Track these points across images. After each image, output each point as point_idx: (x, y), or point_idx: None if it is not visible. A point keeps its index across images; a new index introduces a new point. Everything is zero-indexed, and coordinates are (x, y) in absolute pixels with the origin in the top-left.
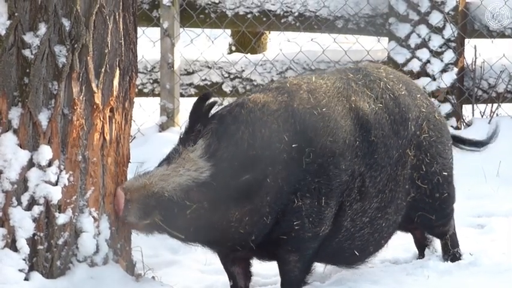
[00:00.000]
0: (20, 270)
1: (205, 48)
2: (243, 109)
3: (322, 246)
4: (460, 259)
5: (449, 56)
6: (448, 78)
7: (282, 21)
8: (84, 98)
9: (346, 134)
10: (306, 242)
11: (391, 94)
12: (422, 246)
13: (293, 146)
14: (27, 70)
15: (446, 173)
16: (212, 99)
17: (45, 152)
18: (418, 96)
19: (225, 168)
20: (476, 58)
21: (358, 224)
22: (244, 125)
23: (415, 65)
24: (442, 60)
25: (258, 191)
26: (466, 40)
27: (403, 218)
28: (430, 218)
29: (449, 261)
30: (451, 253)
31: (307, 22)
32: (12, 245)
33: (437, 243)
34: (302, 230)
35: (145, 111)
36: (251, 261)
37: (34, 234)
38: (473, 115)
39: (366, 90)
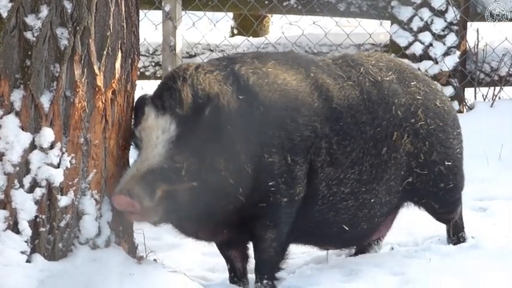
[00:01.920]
0: (22, 253)
1: (207, 31)
2: (186, 70)
3: (304, 216)
4: (464, 242)
5: (451, 39)
6: (451, 62)
7: (284, 4)
8: (86, 81)
9: (298, 93)
10: (283, 210)
11: (371, 78)
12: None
13: (240, 97)
14: (29, 52)
15: (450, 163)
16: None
17: (47, 135)
18: (413, 83)
19: (186, 118)
20: (478, 41)
21: (337, 194)
22: (189, 82)
23: (417, 48)
24: (444, 44)
25: (225, 138)
26: (469, 23)
27: (407, 201)
28: (434, 206)
29: (451, 245)
30: (456, 237)
31: (309, 5)
32: (14, 227)
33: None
34: (278, 192)
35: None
36: (247, 245)
37: (36, 217)
38: (475, 98)
39: (337, 70)
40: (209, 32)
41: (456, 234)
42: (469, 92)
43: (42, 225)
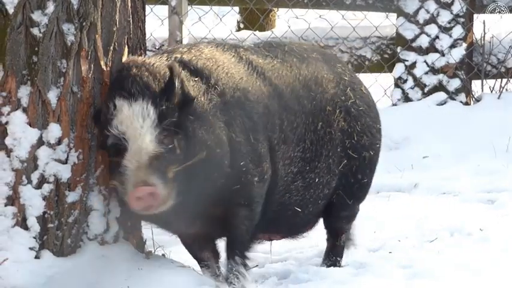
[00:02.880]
0: (31, 249)
1: (213, 25)
2: (135, 61)
3: (269, 198)
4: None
5: (458, 31)
6: (457, 54)
7: None
8: (93, 76)
9: (241, 73)
10: (255, 189)
11: (297, 55)
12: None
13: (195, 79)
14: (36, 49)
15: (372, 153)
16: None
17: (55, 130)
18: (339, 65)
19: (159, 98)
20: (485, 33)
21: (290, 174)
22: (144, 68)
23: (423, 41)
24: (450, 36)
25: (199, 113)
26: (475, 15)
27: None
28: (346, 201)
29: (327, 267)
30: (334, 259)
31: None
32: (22, 223)
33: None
34: (248, 172)
35: None
36: (216, 242)
37: (44, 213)
38: (482, 90)
39: (262, 51)
40: (215, 27)
41: (335, 256)
42: (476, 85)
43: (50, 221)
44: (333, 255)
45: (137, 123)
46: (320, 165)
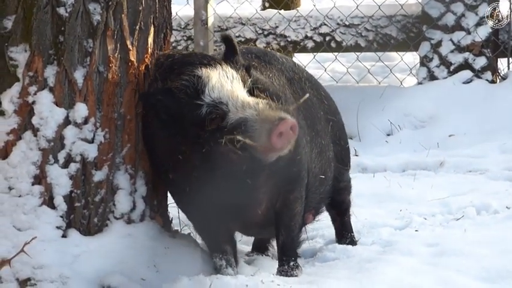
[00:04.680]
0: (58, 228)
1: (238, 4)
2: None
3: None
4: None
5: (483, 9)
6: (483, 32)
7: None
8: (119, 56)
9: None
10: (304, 183)
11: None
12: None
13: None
14: (62, 28)
15: (340, 117)
16: None
17: (81, 110)
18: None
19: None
20: (511, 11)
21: (306, 143)
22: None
23: (449, 19)
24: (476, 14)
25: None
26: None
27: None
28: (340, 170)
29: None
30: (349, 236)
31: None
32: (49, 203)
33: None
34: (300, 164)
35: None
36: (235, 235)
37: (71, 192)
38: (508, 68)
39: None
40: (240, 6)
41: (349, 232)
42: (502, 63)
43: (77, 200)
44: (346, 232)
45: (235, 84)
46: (320, 128)
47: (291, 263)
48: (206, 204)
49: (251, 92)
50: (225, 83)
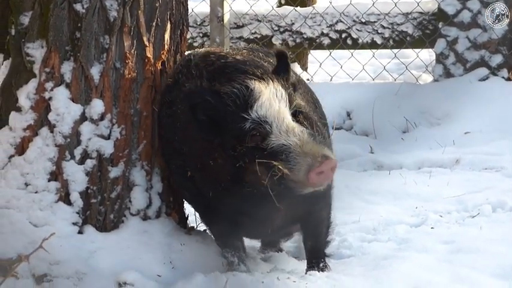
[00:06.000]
0: (74, 224)
1: (254, 1)
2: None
3: None
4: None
5: (500, 6)
6: (499, 29)
7: None
8: (135, 52)
9: None
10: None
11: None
12: None
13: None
14: (79, 24)
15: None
16: None
17: (98, 106)
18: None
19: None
20: None
21: None
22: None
23: (465, 16)
24: (493, 11)
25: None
26: None
27: None
28: None
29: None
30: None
31: None
32: (65, 199)
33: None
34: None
35: None
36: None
37: (87, 188)
38: None
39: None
40: (257, 2)
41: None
42: None
43: (93, 197)
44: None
45: (281, 105)
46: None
47: (321, 264)
48: (225, 213)
49: (295, 115)
50: (273, 102)
